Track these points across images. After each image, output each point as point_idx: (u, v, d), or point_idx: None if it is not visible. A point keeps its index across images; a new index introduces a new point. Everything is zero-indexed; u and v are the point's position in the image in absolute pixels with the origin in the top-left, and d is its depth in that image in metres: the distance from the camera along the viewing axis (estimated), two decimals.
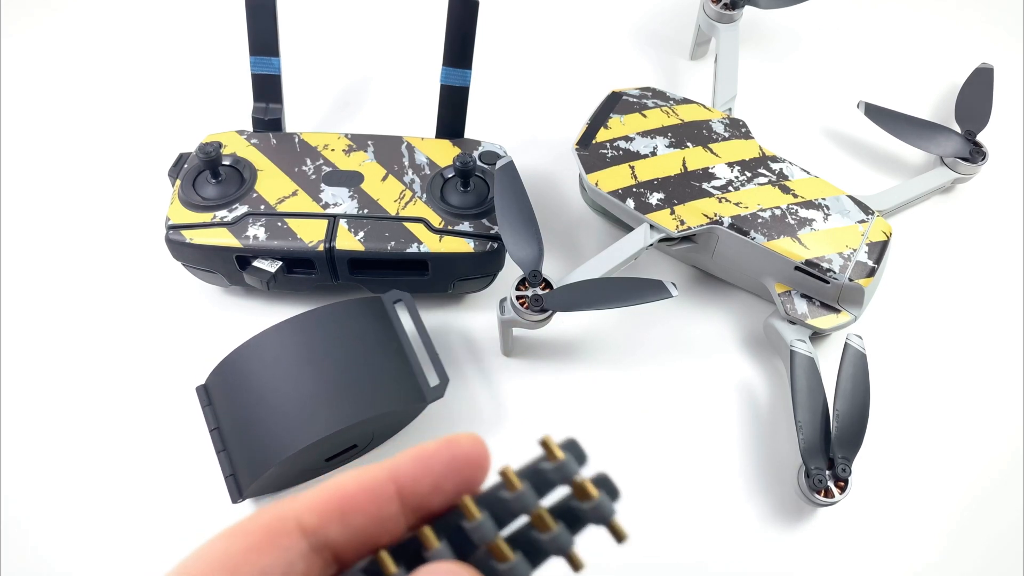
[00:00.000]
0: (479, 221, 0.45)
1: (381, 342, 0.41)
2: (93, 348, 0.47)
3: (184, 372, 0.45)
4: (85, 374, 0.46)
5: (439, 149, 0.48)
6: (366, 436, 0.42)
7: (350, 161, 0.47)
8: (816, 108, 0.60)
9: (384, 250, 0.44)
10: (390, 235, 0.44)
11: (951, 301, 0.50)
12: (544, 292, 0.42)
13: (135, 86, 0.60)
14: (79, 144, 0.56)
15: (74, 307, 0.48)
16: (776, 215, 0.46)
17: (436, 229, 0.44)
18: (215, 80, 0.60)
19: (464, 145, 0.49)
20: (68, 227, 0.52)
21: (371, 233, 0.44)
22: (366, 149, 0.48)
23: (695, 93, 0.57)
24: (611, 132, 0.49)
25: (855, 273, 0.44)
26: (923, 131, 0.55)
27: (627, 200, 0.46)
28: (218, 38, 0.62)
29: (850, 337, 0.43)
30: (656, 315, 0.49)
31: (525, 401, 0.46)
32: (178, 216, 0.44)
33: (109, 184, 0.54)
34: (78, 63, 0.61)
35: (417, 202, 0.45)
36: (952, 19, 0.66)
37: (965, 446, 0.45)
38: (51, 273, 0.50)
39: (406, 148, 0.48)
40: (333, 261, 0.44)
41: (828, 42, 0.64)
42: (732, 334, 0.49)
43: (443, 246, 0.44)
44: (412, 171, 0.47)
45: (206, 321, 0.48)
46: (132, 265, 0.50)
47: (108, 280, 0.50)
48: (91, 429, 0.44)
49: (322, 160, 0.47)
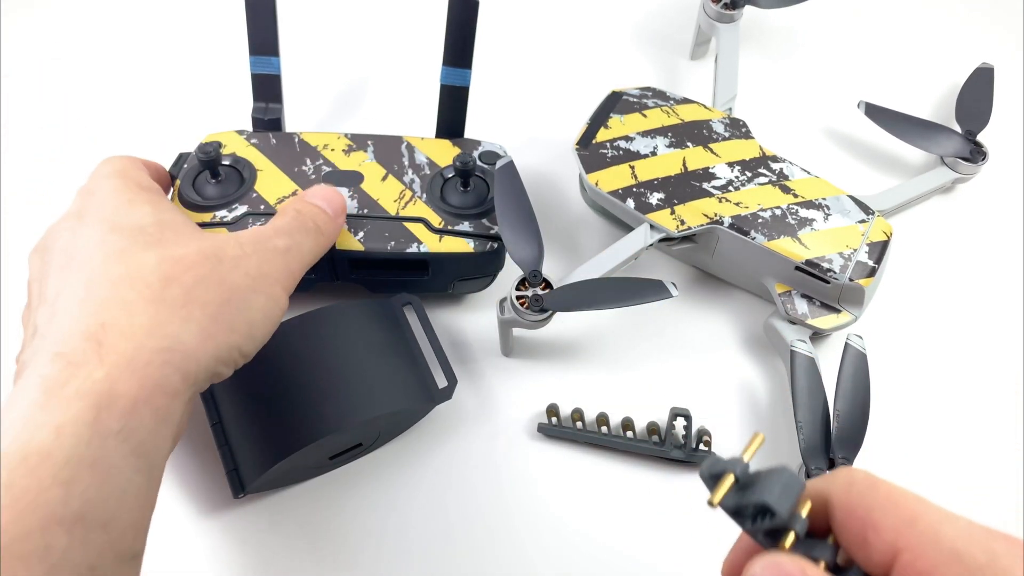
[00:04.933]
0: (479, 221, 0.45)
1: (390, 343, 0.42)
2: None
3: None
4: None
5: (439, 149, 0.48)
6: (372, 435, 0.42)
7: (350, 161, 0.47)
8: (816, 108, 0.60)
9: (384, 250, 0.43)
10: (390, 235, 0.44)
11: (952, 301, 0.50)
12: (544, 292, 0.42)
13: (135, 85, 0.60)
14: (78, 144, 0.56)
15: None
16: (776, 215, 0.46)
17: (436, 229, 0.44)
18: (215, 80, 0.60)
19: (464, 145, 0.49)
20: None
21: (371, 233, 0.44)
22: (366, 149, 0.48)
23: (695, 93, 0.57)
24: (611, 132, 0.49)
25: (855, 273, 0.44)
26: (923, 131, 0.55)
27: (627, 200, 0.46)
28: (218, 37, 0.62)
29: (850, 337, 0.43)
30: (656, 315, 0.49)
31: (525, 401, 0.46)
32: None
33: None
34: (77, 63, 0.61)
35: (417, 202, 0.45)
36: (952, 19, 0.66)
37: (966, 446, 0.45)
38: None
39: (406, 148, 0.48)
40: (333, 261, 0.44)
41: (828, 42, 0.64)
42: (732, 334, 0.49)
43: (443, 246, 0.44)
44: (412, 171, 0.47)
45: None
46: None
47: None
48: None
49: (322, 160, 0.47)
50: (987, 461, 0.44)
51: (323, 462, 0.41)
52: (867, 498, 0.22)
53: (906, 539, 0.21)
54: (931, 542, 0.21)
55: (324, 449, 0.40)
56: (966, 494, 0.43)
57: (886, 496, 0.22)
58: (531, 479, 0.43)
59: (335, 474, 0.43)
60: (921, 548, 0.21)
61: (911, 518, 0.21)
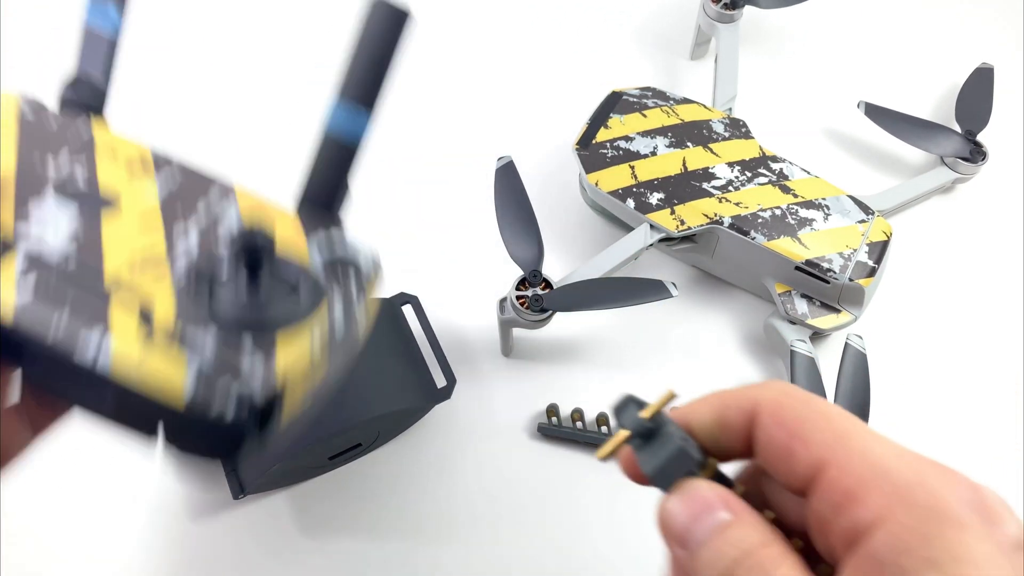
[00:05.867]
0: (242, 344, 0.24)
1: (390, 343, 0.41)
2: None
3: None
4: None
5: (278, 222, 0.28)
6: (371, 435, 0.42)
7: (121, 180, 0.29)
8: (816, 108, 0.60)
9: (39, 332, 0.23)
10: (75, 310, 0.24)
11: (951, 301, 0.50)
12: (544, 292, 0.42)
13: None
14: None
15: None
16: (776, 215, 0.46)
17: (150, 332, 0.24)
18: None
19: (325, 232, 0.29)
20: None
21: (46, 292, 0.24)
22: (160, 174, 0.29)
23: (695, 93, 0.56)
24: (611, 132, 0.49)
25: (855, 273, 0.44)
26: (923, 131, 0.55)
27: (627, 200, 0.46)
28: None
29: (850, 337, 0.43)
30: (656, 315, 0.49)
31: (525, 401, 0.46)
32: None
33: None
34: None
35: (165, 279, 0.26)
36: (952, 19, 0.66)
37: (966, 446, 0.45)
38: None
39: (218, 197, 0.29)
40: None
41: (828, 42, 0.64)
42: (732, 334, 0.49)
43: (140, 365, 0.23)
44: (200, 233, 0.27)
45: None
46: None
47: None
48: (89, 427, 0.44)
49: (84, 164, 0.29)
50: (987, 460, 0.44)
51: (322, 462, 0.41)
52: (799, 410, 0.21)
53: (834, 453, 0.20)
54: (859, 458, 0.20)
55: (323, 449, 0.40)
56: None
57: (818, 411, 0.21)
58: (531, 479, 0.43)
59: (335, 474, 0.43)
60: (849, 463, 0.20)
61: (842, 433, 0.20)
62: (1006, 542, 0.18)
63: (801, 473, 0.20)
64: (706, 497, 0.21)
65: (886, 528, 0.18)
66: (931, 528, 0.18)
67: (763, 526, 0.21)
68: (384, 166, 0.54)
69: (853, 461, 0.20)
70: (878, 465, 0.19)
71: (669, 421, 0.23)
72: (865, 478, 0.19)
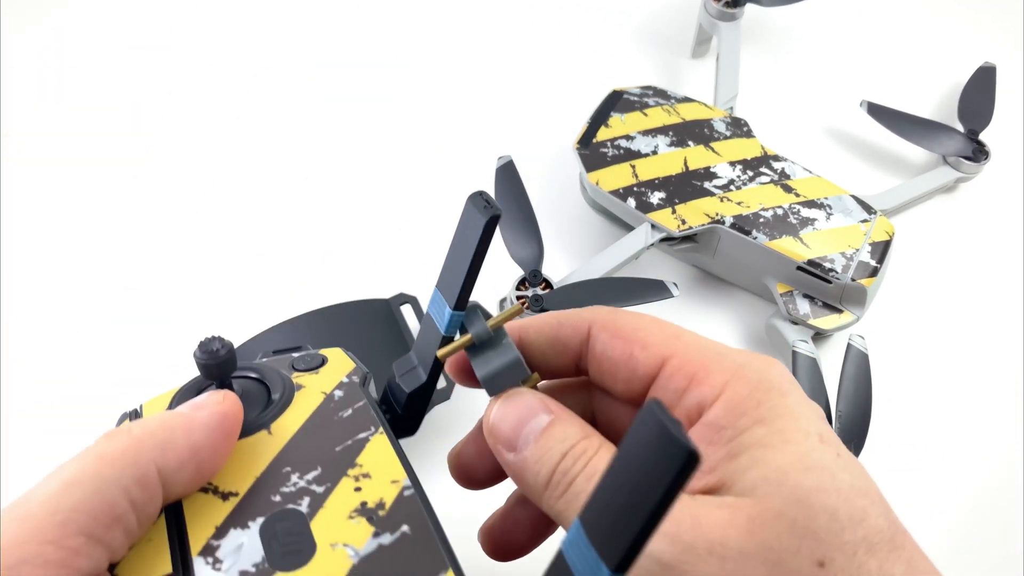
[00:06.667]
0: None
1: (388, 343, 0.41)
2: (91, 345, 0.47)
3: (184, 369, 0.45)
4: (83, 371, 0.46)
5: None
6: None
7: (336, 533, 0.22)
8: (818, 107, 0.60)
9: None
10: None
11: (954, 301, 0.50)
12: (544, 292, 0.42)
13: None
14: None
15: (74, 305, 0.48)
16: (778, 214, 0.45)
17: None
18: None
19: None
20: None
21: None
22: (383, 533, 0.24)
23: (696, 92, 0.56)
24: (612, 131, 0.49)
25: (857, 273, 0.44)
26: (926, 130, 0.54)
27: (628, 199, 0.46)
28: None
29: (852, 337, 0.43)
30: (657, 315, 0.48)
31: None
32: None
33: None
34: None
35: None
36: (955, 18, 0.66)
37: (967, 446, 0.45)
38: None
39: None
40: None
41: (830, 41, 0.64)
42: (733, 334, 0.48)
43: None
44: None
45: (210, 318, 0.48)
46: (134, 265, 0.50)
47: (110, 277, 0.49)
48: (89, 426, 0.44)
49: (314, 497, 0.23)
50: (988, 460, 0.44)
51: None
52: (633, 321, 0.24)
53: (673, 349, 0.23)
54: (696, 350, 0.23)
55: None
56: (967, 493, 0.43)
57: (649, 319, 0.25)
58: None
59: None
60: (688, 354, 0.23)
61: (675, 333, 0.24)
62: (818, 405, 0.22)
63: (642, 373, 0.24)
64: (530, 402, 0.23)
65: (724, 398, 0.22)
66: (761, 395, 0.22)
67: (582, 423, 0.23)
68: (384, 166, 0.54)
69: (691, 352, 0.23)
70: (713, 352, 0.23)
71: (507, 334, 0.25)
72: (705, 362, 0.23)
